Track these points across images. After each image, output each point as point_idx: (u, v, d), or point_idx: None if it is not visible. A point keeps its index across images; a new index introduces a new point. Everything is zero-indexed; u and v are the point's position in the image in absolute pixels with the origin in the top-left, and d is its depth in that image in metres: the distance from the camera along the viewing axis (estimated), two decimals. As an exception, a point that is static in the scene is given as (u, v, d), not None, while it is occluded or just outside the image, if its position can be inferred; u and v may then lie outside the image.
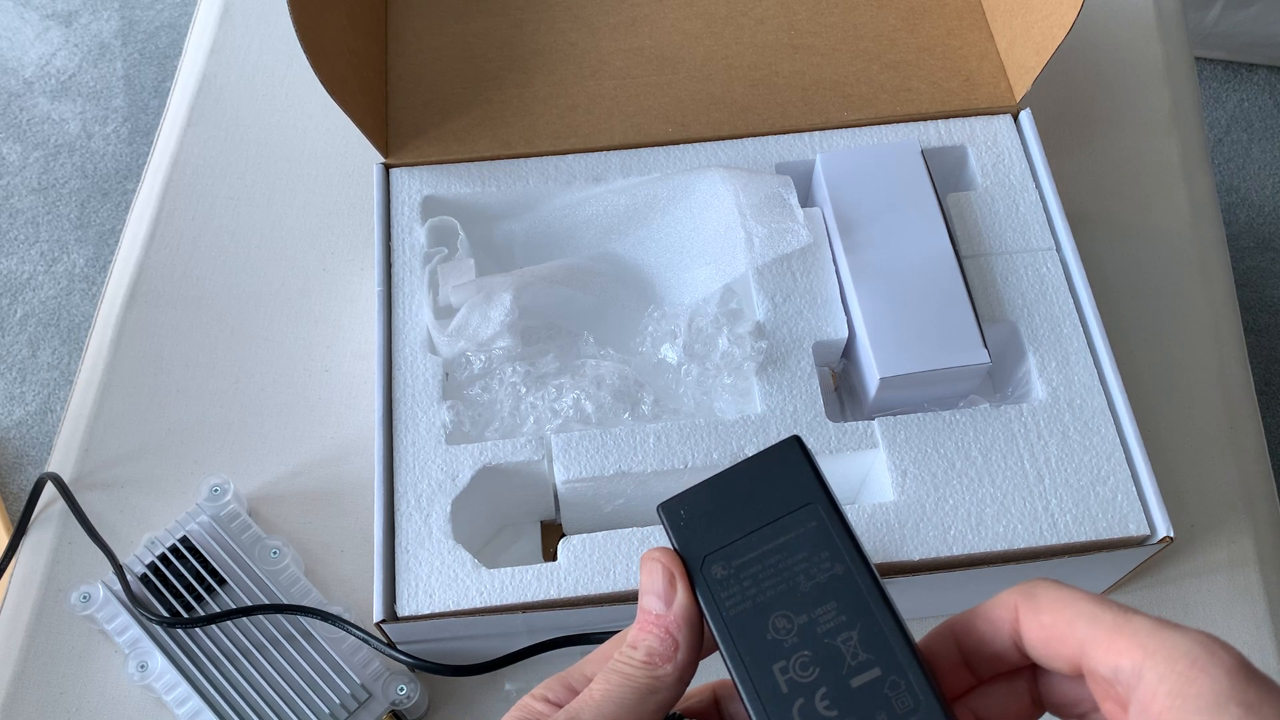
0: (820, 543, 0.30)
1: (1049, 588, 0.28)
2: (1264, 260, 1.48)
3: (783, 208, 0.57)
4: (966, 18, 0.66)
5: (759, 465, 0.31)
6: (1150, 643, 0.25)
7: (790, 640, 0.29)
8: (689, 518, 0.31)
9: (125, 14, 1.74)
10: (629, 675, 0.30)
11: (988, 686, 0.30)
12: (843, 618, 0.29)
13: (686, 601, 0.30)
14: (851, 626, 0.29)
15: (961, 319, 0.54)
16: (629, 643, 0.31)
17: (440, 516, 0.50)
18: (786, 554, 0.30)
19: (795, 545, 0.30)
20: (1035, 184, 0.59)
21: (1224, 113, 1.60)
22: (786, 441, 0.31)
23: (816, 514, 0.30)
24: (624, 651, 0.31)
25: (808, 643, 0.28)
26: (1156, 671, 0.25)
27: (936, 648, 0.30)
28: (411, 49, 0.65)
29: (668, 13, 0.66)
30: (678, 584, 0.30)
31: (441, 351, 0.55)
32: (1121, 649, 0.26)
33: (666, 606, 0.30)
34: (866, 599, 0.29)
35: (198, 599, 0.54)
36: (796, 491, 0.30)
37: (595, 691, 0.30)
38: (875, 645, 0.28)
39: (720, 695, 0.34)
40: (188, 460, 0.62)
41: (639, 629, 0.31)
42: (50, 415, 1.40)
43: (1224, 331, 0.66)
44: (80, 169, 1.59)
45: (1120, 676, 0.26)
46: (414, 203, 0.59)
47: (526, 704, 0.31)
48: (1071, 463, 0.51)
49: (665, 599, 0.30)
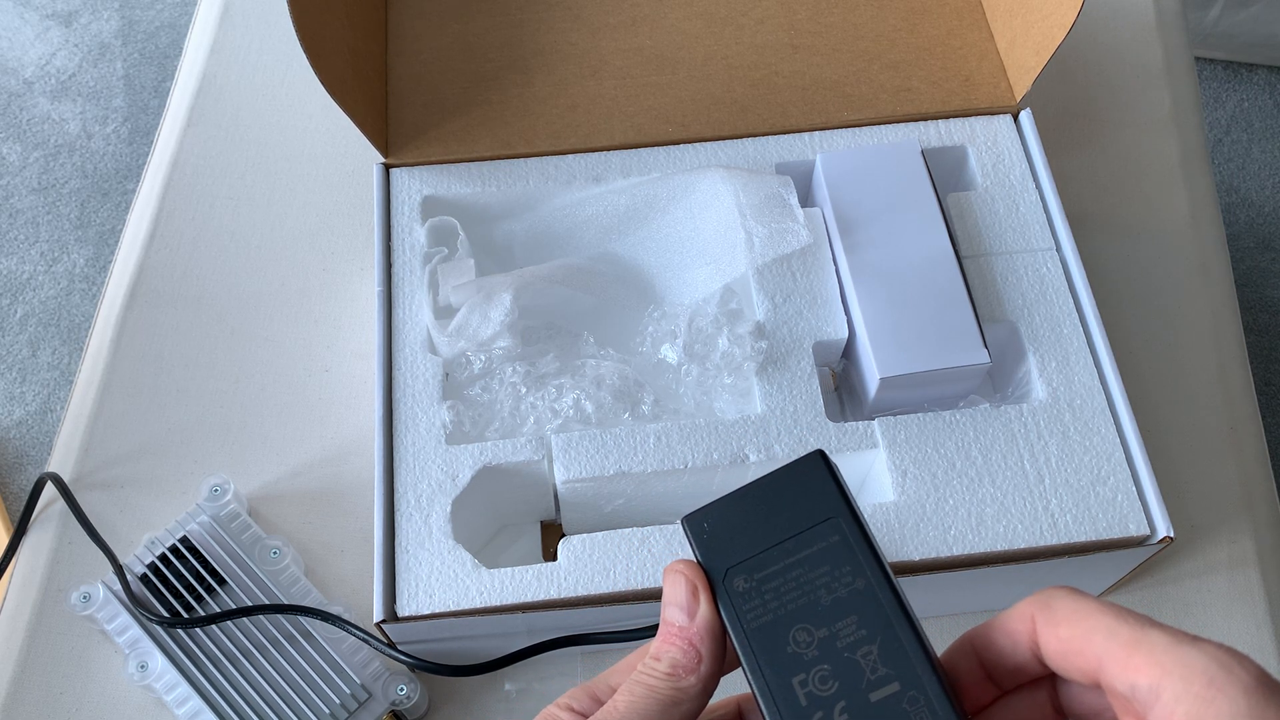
0: (842, 557, 0.30)
1: (1065, 599, 0.28)
2: (1264, 260, 1.48)
3: (783, 208, 0.57)
4: (966, 18, 0.66)
5: (783, 479, 0.31)
6: (1167, 660, 0.25)
7: (810, 654, 0.29)
8: (712, 530, 0.31)
9: (125, 14, 1.74)
10: (653, 687, 0.30)
11: (1009, 698, 0.30)
12: (863, 632, 0.29)
13: (709, 614, 0.30)
14: (872, 641, 0.29)
15: (961, 319, 0.54)
16: (652, 654, 0.31)
17: (440, 516, 0.50)
18: (809, 568, 0.30)
19: (817, 559, 0.30)
20: (1035, 184, 0.59)
21: (1224, 113, 1.60)
22: (811, 456, 0.31)
23: (839, 528, 0.30)
24: (647, 663, 0.31)
25: (828, 657, 0.29)
26: (1173, 691, 0.25)
27: (958, 661, 0.30)
28: (411, 49, 0.65)
29: (668, 13, 0.66)
30: (700, 596, 0.31)
31: (441, 351, 0.55)
32: (1138, 666, 0.25)
33: (689, 619, 0.30)
34: (887, 613, 0.29)
35: (198, 599, 0.54)
36: (820, 505, 0.31)
37: (620, 703, 0.30)
38: (895, 660, 0.28)
39: (744, 708, 0.34)
40: (188, 460, 0.62)
41: (662, 641, 0.31)
42: (50, 415, 1.40)
43: (1224, 331, 0.66)
44: (80, 169, 1.59)
45: (1137, 694, 0.26)
46: (414, 203, 0.59)
47: (552, 713, 0.31)
48: (1071, 463, 0.51)
49: (688, 611, 0.30)
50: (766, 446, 0.52)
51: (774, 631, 0.29)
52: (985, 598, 0.55)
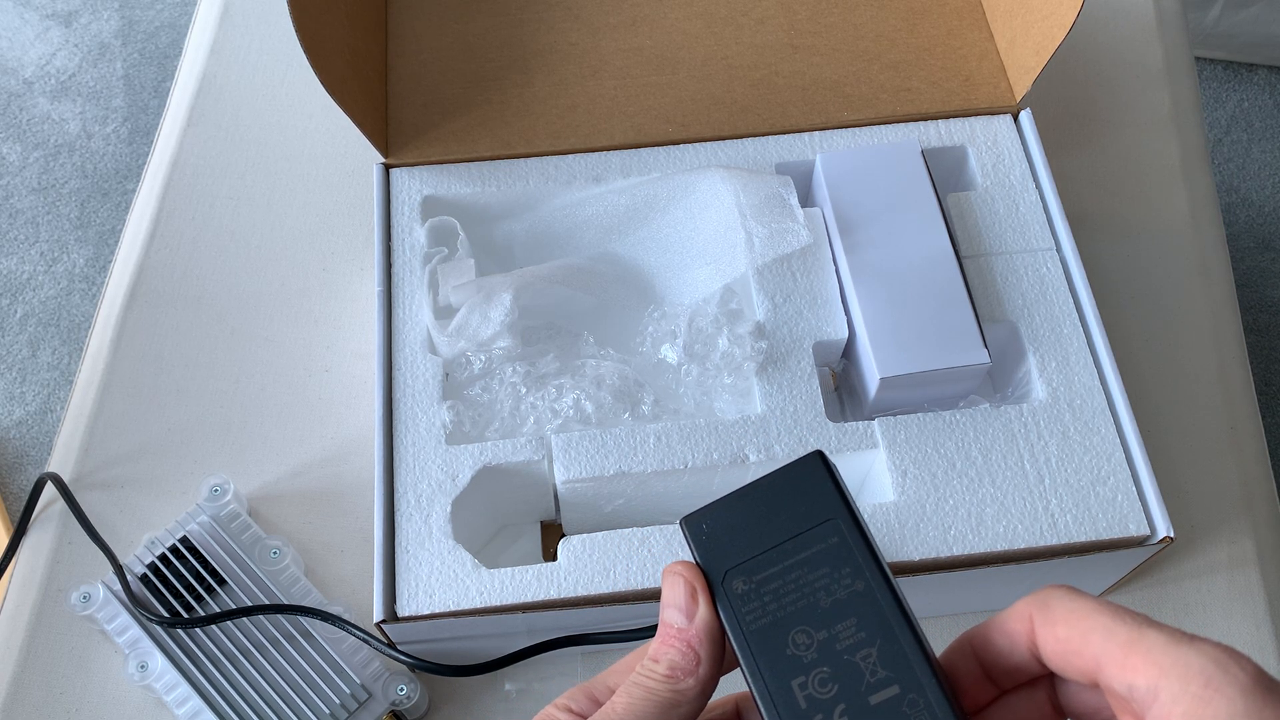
0: (841, 558, 0.30)
1: (1063, 598, 0.28)
2: (1264, 260, 1.48)
3: (783, 208, 0.57)
4: (966, 18, 0.66)
5: (781, 480, 0.31)
6: (1164, 660, 0.25)
7: (810, 656, 0.29)
8: (711, 532, 0.31)
9: (125, 14, 1.74)
10: (651, 689, 0.30)
11: (1008, 697, 0.30)
12: (862, 634, 0.29)
13: (708, 616, 0.30)
14: (871, 643, 0.29)
15: (961, 319, 0.54)
16: (650, 656, 0.31)
17: (440, 516, 0.50)
18: (808, 569, 0.30)
19: (816, 561, 0.30)
20: (1035, 184, 0.59)
21: (1224, 113, 1.60)
22: (810, 456, 0.31)
23: (838, 529, 0.30)
24: (646, 665, 0.31)
25: (827, 659, 0.29)
26: (1170, 691, 0.25)
27: (957, 662, 0.30)
28: (411, 49, 0.65)
29: (668, 13, 0.66)
30: (699, 598, 0.30)
31: (441, 351, 0.55)
32: (1136, 666, 0.25)
33: (688, 620, 0.30)
34: (887, 616, 0.29)
35: (198, 599, 0.54)
36: (819, 506, 0.31)
37: (618, 705, 0.30)
38: (895, 662, 0.28)
39: (742, 707, 0.34)
40: (188, 460, 0.62)
41: (661, 643, 0.31)
42: (50, 415, 1.40)
43: (1224, 331, 0.66)
44: (80, 169, 1.59)
45: (1135, 694, 0.26)
46: (414, 203, 0.59)
47: (550, 714, 0.31)
48: (1071, 463, 0.51)
49: (687, 613, 0.30)
50: (766, 446, 0.52)
51: (773, 633, 0.29)
52: (985, 598, 0.55)
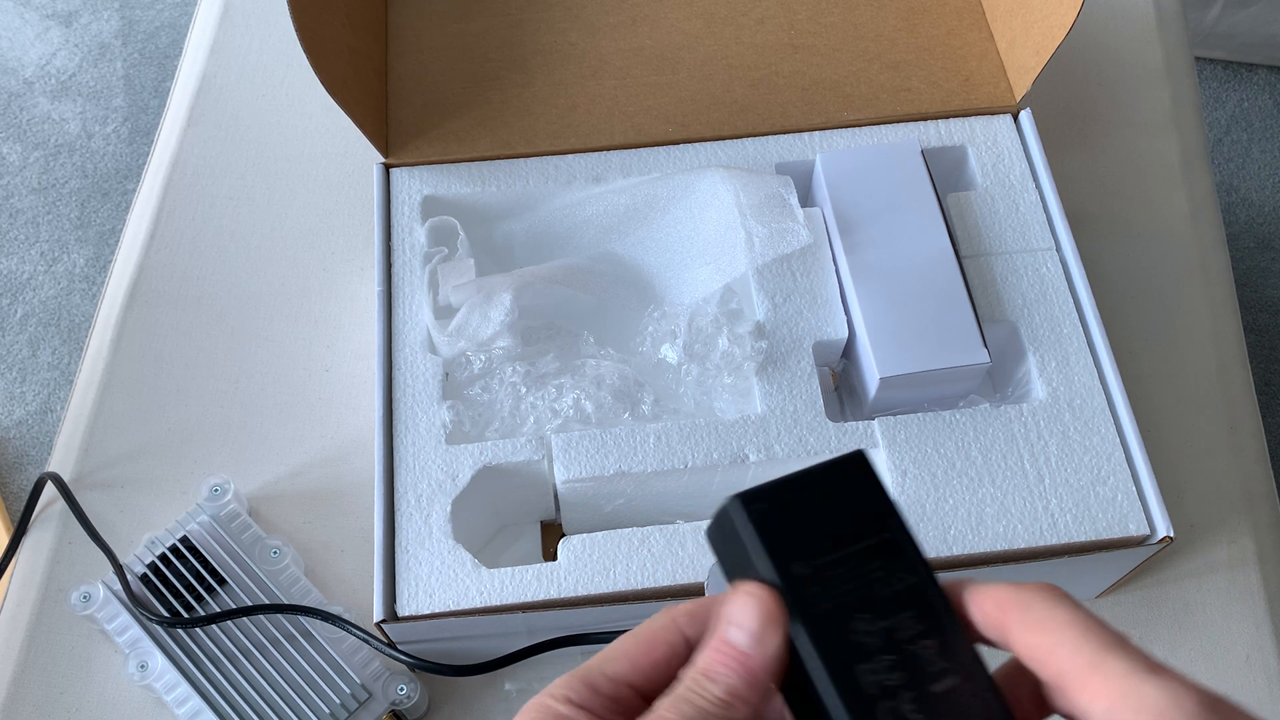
0: (894, 553, 0.30)
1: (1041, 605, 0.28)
2: (1264, 260, 1.48)
3: (783, 208, 0.57)
4: (966, 18, 0.66)
5: (826, 475, 0.31)
6: (1121, 688, 0.25)
7: (874, 642, 0.29)
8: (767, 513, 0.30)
9: (125, 14, 1.74)
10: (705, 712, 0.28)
11: None
12: (921, 626, 0.29)
13: (780, 649, 0.29)
14: (929, 635, 0.29)
15: (961, 319, 0.54)
16: (703, 671, 0.29)
17: (440, 516, 0.50)
18: (863, 561, 0.30)
19: (871, 553, 0.30)
20: (1035, 184, 0.59)
21: (1224, 113, 1.60)
22: (854, 454, 0.32)
23: (889, 525, 0.30)
24: (699, 681, 0.29)
25: (891, 647, 0.29)
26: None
27: None
28: (411, 49, 0.65)
29: (668, 13, 0.66)
30: (779, 625, 0.29)
31: (441, 351, 0.55)
32: (1095, 691, 0.26)
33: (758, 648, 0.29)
34: (939, 610, 0.29)
35: (198, 599, 0.54)
36: (868, 503, 0.31)
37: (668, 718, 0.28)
38: (953, 654, 0.29)
39: None
40: (188, 460, 0.62)
41: (718, 660, 0.29)
42: (50, 415, 1.40)
43: (1224, 331, 0.66)
44: (80, 169, 1.59)
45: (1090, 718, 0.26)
46: (414, 203, 0.59)
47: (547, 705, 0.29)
48: (1071, 463, 0.51)
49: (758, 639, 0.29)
50: (766, 446, 0.52)
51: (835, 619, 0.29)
52: (985, 598, 0.55)
